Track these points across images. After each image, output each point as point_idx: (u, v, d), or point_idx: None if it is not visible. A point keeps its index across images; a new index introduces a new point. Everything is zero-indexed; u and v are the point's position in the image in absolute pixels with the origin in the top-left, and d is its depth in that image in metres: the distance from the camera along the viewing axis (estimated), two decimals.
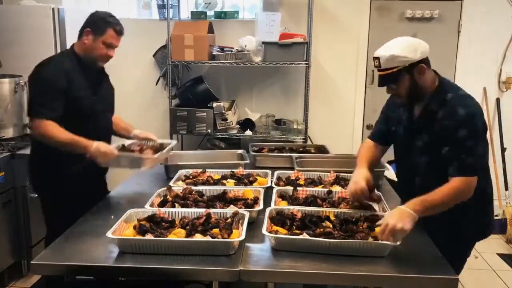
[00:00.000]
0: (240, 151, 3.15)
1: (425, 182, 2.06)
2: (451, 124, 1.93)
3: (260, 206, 2.08)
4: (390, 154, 2.40)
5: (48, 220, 2.60)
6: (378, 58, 1.97)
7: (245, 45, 4.07)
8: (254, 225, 1.98)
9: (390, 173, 2.81)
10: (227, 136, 4.29)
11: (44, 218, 2.60)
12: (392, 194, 2.50)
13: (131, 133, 2.74)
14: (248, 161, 2.87)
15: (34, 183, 2.65)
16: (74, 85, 2.38)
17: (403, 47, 1.95)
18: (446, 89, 2.02)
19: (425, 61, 1.98)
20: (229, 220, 1.92)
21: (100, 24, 2.41)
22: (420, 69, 1.96)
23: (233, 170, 2.62)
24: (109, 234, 1.75)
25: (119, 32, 2.45)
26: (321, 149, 3.28)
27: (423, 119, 2.06)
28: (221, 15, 4.43)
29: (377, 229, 1.81)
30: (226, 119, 4.22)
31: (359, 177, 2.10)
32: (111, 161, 2.34)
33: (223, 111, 4.19)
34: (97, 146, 2.28)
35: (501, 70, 4.40)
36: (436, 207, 1.88)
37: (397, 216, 1.78)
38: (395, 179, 2.53)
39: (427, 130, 2.04)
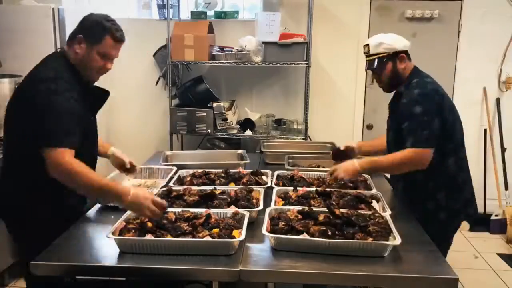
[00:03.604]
0: (240, 151, 3.15)
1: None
2: (408, 102, 2.23)
3: (260, 206, 2.08)
4: None
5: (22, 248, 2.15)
6: (367, 44, 2.36)
7: (245, 45, 4.07)
8: (254, 225, 1.98)
9: None
10: (227, 136, 4.29)
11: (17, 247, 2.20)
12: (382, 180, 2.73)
13: (107, 151, 2.39)
14: (248, 161, 2.87)
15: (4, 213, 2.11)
16: (81, 105, 1.96)
17: (389, 38, 2.33)
18: (415, 76, 2.32)
19: (406, 52, 2.33)
20: (229, 220, 1.92)
21: (96, 30, 1.97)
22: (401, 58, 2.31)
23: (231, 170, 2.62)
24: (109, 234, 1.76)
25: (119, 39, 2.00)
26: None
27: (393, 101, 2.43)
28: (221, 15, 4.43)
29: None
30: (226, 119, 4.22)
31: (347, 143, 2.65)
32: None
33: (223, 111, 4.19)
34: (135, 194, 1.85)
35: (501, 70, 4.40)
36: (384, 168, 2.38)
37: (344, 168, 2.31)
38: None
39: (395, 111, 2.39)
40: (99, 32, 1.97)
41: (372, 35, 2.45)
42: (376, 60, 2.33)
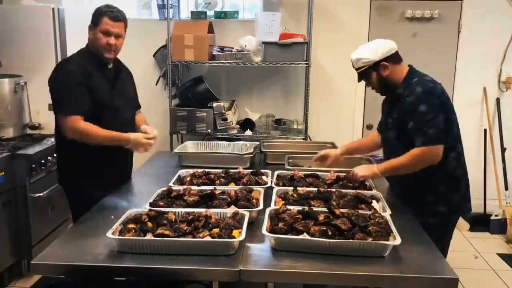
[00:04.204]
0: None
1: (391, 153, 2.43)
2: (413, 101, 2.28)
3: (260, 206, 2.08)
4: None
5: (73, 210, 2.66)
6: (351, 60, 2.47)
7: (245, 45, 4.07)
8: (254, 225, 1.98)
9: None
10: (227, 136, 4.29)
11: (70, 209, 2.69)
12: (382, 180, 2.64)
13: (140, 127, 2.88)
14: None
15: (60, 180, 2.70)
16: (93, 80, 2.46)
17: (365, 51, 2.40)
18: (413, 76, 2.38)
19: (388, 59, 2.36)
20: (229, 220, 1.92)
21: (96, 16, 2.48)
22: (383, 66, 2.37)
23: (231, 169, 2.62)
24: (109, 234, 1.76)
25: (114, 18, 2.46)
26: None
27: (389, 102, 2.52)
28: (221, 15, 4.43)
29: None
30: (226, 119, 4.22)
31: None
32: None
33: (223, 111, 4.19)
34: (135, 138, 2.51)
35: (501, 70, 4.40)
36: (396, 168, 2.33)
37: (362, 168, 2.42)
38: None
39: (396, 109, 2.41)
40: (97, 16, 2.48)
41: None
42: (361, 73, 2.44)
